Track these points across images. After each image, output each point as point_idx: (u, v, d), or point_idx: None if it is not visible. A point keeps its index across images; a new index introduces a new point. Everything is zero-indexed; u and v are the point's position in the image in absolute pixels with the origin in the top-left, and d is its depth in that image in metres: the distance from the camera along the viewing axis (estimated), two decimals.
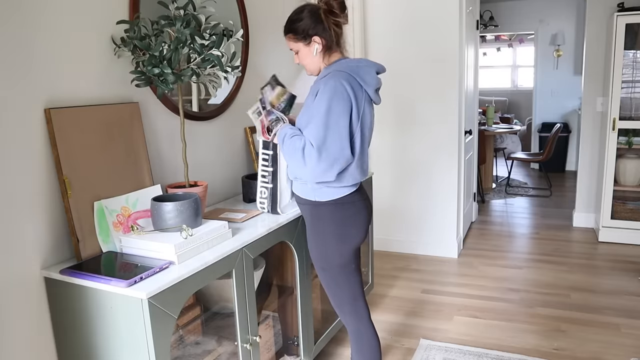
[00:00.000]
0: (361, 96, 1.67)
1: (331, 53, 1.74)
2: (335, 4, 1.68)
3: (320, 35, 1.69)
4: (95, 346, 1.42)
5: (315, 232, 1.77)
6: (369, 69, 1.69)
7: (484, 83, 9.52)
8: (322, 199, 1.73)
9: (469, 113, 4.13)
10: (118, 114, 1.69)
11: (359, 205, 1.77)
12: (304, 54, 1.75)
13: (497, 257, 3.82)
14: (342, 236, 1.75)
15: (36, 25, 1.44)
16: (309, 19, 1.69)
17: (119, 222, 1.60)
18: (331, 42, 1.71)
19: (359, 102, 1.65)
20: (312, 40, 1.70)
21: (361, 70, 1.67)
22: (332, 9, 1.68)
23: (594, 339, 2.58)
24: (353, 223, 1.76)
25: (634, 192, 4.11)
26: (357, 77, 1.66)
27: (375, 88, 1.70)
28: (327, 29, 1.69)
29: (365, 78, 1.67)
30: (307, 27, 1.69)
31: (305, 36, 1.71)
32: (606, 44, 4.06)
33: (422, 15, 3.55)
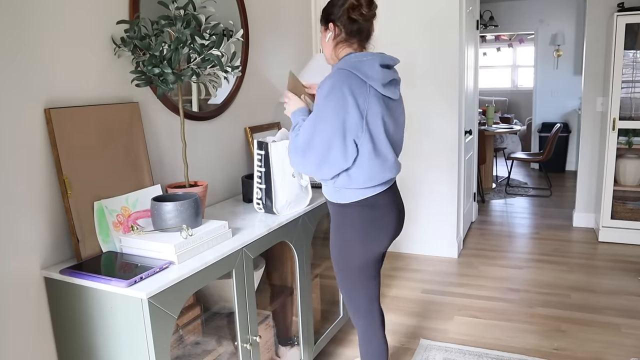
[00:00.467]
0: (364, 92, 1.58)
1: (345, 46, 1.70)
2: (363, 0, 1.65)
3: (336, 25, 1.67)
4: (95, 346, 1.42)
5: (338, 232, 1.74)
6: (372, 63, 1.61)
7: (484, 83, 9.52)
8: (344, 201, 1.69)
9: (469, 113, 4.13)
10: (118, 114, 1.69)
11: (387, 208, 1.71)
12: (322, 38, 1.76)
13: (497, 257, 3.82)
14: (365, 241, 1.70)
15: (36, 25, 1.44)
16: (336, 5, 1.67)
17: (119, 222, 1.60)
18: (346, 35, 1.67)
19: (359, 100, 1.57)
20: (328, 27, 1.70)
21: (363, 64, 1.60)
22: (359, 4, 1.64)
23: (594, 339, 2.58)
24: (378, 227, 1.70)
25: (634, 192, 4.11)
26: (358, 72, 1.59)
27: (382, 82, 1.61)
28: (346, 20, 1.65)
29: (367, 72, 1.59)
30: (329, 12, 1.69)
31: (325, 20, 1.71)
32: (606, 44, 4.06)
33: (422, 15, 3.55)
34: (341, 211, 1.71)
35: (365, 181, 1.65)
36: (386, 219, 1.72)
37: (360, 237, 1.70)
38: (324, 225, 2.52)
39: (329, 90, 1.57)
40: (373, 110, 1.60)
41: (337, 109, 1.56)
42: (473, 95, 4.41)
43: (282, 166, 1.95)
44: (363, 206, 1.68)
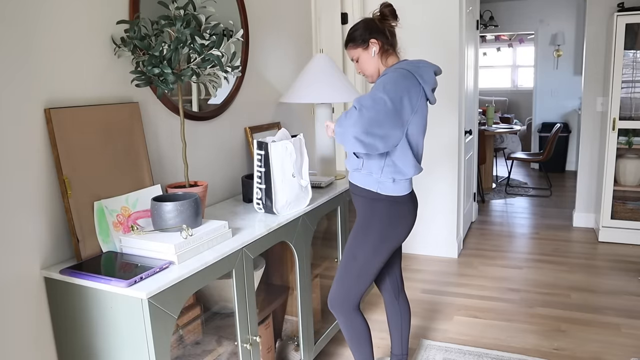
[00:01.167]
0: (418, 92, 1.75)
1: (388, 56, 1.87)
2: (387, 11, 1.84)
3: (376, 38, 1.84)
4: (95, 346, 1.42)
5: (364, 222, 1.86)
6: (428, 69, 1.79)
7: (484, 83, 9.52)
8: (382, 192, 1.82)
9: (469, 113, 4.13)
10: (118, 114, 1.69)
11: (410, 207, 1.88)
12: (363, 59, 1.88)
13: (497, 257, 3.82)
14: (387, 235, 1.85)
15: (36, 25, 1.44)
16: (365, 26, 1.85)
17: (119, 222, 1.60)
18: (388, 45, 1.85)
19: (413, 97, 1.73)
20: (370, 43, 1.84)
21: (420, 69, 1.77)
22: (385, 16, 1.84)
23: (594, 339, 2.58)
24: (401, 223, 1.86)
25: (634, 192, 4.11)
26: (416, 74, 1.75)
27: (432, 87, 1.79)
28: (383, 32, 1.84)
29: (424, 76, 1.76)
30: (364, 33, 1.84)
31: (363, 41, 1.85)
32: (606, 44, 4.06)
33: (422, 15, 3.55)
34: (371, 203, 1.85)
35: (410, 170, 1.81)
36: (407, 217, 1.88)
37: (383, 231, 1.84)
38: (324, 225, 2.52)
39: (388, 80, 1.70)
40: (421, 108, 1.78)
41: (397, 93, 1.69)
42: (473, 95, 4.41)
43: (282, 166, 1.96)
44: (394, 201, 1.83)
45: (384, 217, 1.84)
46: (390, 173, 1.81)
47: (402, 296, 2.17)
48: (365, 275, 1.89)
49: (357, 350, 1.99)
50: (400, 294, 2.17)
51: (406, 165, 1.80)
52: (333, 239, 2.50)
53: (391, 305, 2.17)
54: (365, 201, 1.87)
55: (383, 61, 1.87)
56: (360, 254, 1.87)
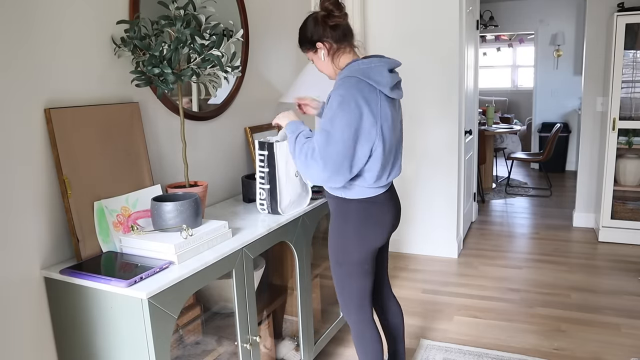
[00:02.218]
0: (375, 98, 1.62)
1: (340, 55, 1.73)
2: (330, 5, 1.67)
3: (322, 41, 1.71)
4: (95, 346, 1.42)
5: (338, 226, 1.78)
6: (381, 69, 1.65)
7: (484, 83, 9.52)
8: (349, 197, 1.73)
9: (469, 113, 4.13)
10: (118, 114, 1.69)
11: (387, 206, 1.78)
12: (316, 62, 1.78)
13: (497, 257, 3.82)
14: (363, 235, 1.75)
15: (36, 25, 1.44)
16: (311, 26, 1.71)
17: (119, 222, 1.60)
18: (338, 44, 1.71)
19: (372, 106, 1.61)
20: (317, 47, 1.73)
21: (372, 71, 1.64)
22: (329, 11, 1.67)
23: (594, 339, 2.58)
24: (376, 223, 1.76)
25: (634, 192, 4.11)
26: (368, 79, 1.62)
27: (390, 86, 1.65)
28: (329, 32, 1.69)
29: (376, 79, 1.63)
30: (310, 35, 1.72)
31: (310, 45, 1.74)
32: (606, 44, 4.06)
33: (422, 15, 3.55)
34: (342, 206, 1.76)
35: (375, 181, 1.70)
36: (384, 215, 1.77)
37: (358, 232, 1.74)
38: (324, 225, 2.52)
39: (340, 101, 1.59)
40: (384, 114, 1.65)
41: (351, 119, 1.58)
42: (473, 95, 4.41)
43: (286, 166, 1.96)
44: (365, 202, 1.73)
45: (357, 219, 1.74)
46: (354, 182, 1.70)
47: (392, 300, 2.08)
48: (358, 276, 1.79)
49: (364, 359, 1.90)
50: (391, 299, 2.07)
51: (372, 176, 1.69)
52: None
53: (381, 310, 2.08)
54: (337, 204, 1.77)
55: (335, 64, 1.74)
56: (344, 259, 1.78)
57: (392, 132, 1.69)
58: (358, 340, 1.89)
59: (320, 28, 1.69)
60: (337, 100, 1.59)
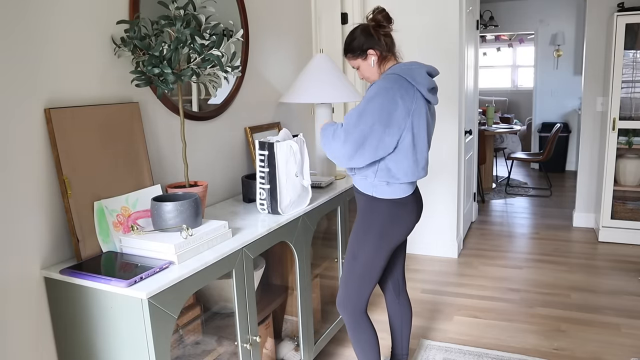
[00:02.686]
0: (411, 94, 1.75)
1: (386, 62, 1.89)
2: (381, 17, 1.84)
3: (373, 48, 1.86)
4: (95, 346, 1.42)
5: (363, 221, 1.88)
6: (420, 70, 1.80)
7: (484, 83, 9.52)
8: (379, 196, 1.84)
9: (469, 113, 4.13)
10: (118, 114, 1.69)
11: (412, 207, 1.89)
12: (364, 68, 1.91)
13: (497, 257, 3.82)
14: (386, 233, 1.86)
15: (36, 25, 1.44)
16: (362, 36, 1.86)
17: (119, 222, 1.60)
18: (385, 52, 1.87)
19: (407, 101, 1.74)
20: (368, 54, 1.87)
21: (412, 71, 1.78)
22: (380, 23, 1.85)
23: (594, 339, 2.58)
24: (401, 223, 1.88)
25: (634, 192, 4.11)
26: (408, 77, 1.76)
27: (427, 87, 1.78)
28: (379, 41, 1.85)
29: (416, 78, 1.77)
30: (361, 44, 1.87)
31: (361, 52, 1.88)
32: (606, 44, 4.06)
33: (422, 15, 3.55)
34: (371, 204, 1.86)
35: (405, 175, 1.81)
36: (409, 216, 1.89)
37: (382, 231, 1.85)
38: (323, 225, 2.52)
39: (376, 92, 1.74)
40: (419, 109, 1.77)
41: (385, 105, 1.72)
42: (473, 95, 4.41)
43: (286, 166, 1.96)
44: (394, 202, 1.85)
45: (384, 217, 1.85)
46: (384, 177, 1.81)
47: (403, 296, 2.18)
48: (369, 275, 1.90)
49: (362, 354, 1.99)
50: (402, 294, 2.17)
51: (400, 170, 1.80)
52: (333, 239, 2.50)
53: (392, 304, 2.18)
54: (366, 201, 1.88)
55: (382, 68, 1.90)
56: (361, 253, 1.88)
57: (423, 131, 1.80)
58: (353, 331, 1.97)
59: (372, 37, 1.85)
60: (376, 89, 1.74)
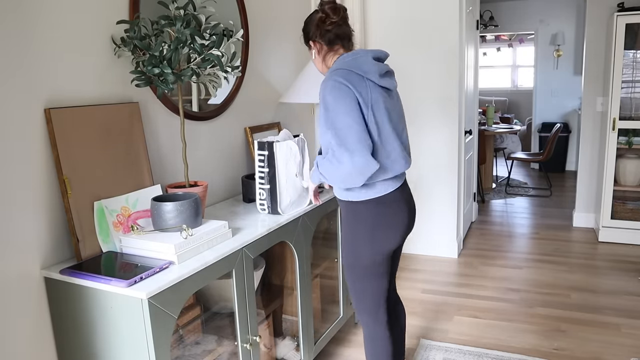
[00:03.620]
0: (364, 86, 1.62)
1: (332, 56, 1.78)
2: (327, 9, 1.73)
3: (316, 41, 1.78)
4: (95, 346, 1.42)
5: (349, 229, 1.75)
6: (365, 58, 1.67)
7: (484, 83, 9.52)
8: (358, 199, 1.70)
9: (469, 113, 4.13)
10: (118, 114, 1.69)
11: (397, 204, 1.73)
12: (312, 58, 1.85)
13: (497, 257, 3.82)
14: (376, 238, 1.72)
15: (36, 25, 1.44)
16: (309, 25, 1.79)
17: (119, 222, 1.60)
18: (329, 46, 1.77)
19: (362, 93, 1.61)
20: (310, 45, 1.82)
21: (357, 61, 1.66)
22: (327, 15, 1.74)
23: (594, 339, 2.58)
24: (389, 224, 1.72)
25: (634, 192, 4.11)
26: (355, 69, 1.64)
27: (379, 74, 1.66)
28: (323, 34, 1.75)
29: (363, 68, 1.64)
30: (307, 33, 1.81)
31: (307, 41, 1.83)
32: (606, 44, 4.06)
33: (422, 15, 3.55)
34: (353, 208, 1.73)
35: (378, 174, 1.66)
36: (397, 216, 1.73)
37: (370, 235, 1.71)
38: (324, 225, 2.52)
39: (330, 90, 1.60)
40: (376, 100, 1.64)
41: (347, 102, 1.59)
42: (473, 95, 4.41)
43: (286, 166, 1.96)
44: (375, 203, 1.70)
45: (368, 222, 1.71)
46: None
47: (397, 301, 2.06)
48: (371, 280, 1.77)
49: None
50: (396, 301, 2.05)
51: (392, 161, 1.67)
52: (333, 239, 2.50)
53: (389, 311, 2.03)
54: (347, 209, 1.75)
55: (325, 63, 1.80)
56: (355, 262, 1.77)
57: (386, 122, 1.66)
58: (369, 342, 1.87)
59: (315, 29, 1.76)
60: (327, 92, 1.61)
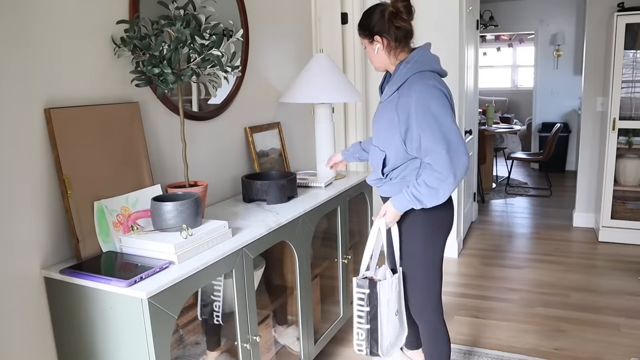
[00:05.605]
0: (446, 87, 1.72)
1: (399, 52, 1.78)
2: (401, 6, 1.71)
3: (382, 35, 1.75)
4: (95, 346, 1.42)
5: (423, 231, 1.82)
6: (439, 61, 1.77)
7: (484, 83, 9.52)
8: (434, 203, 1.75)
9: (469, 113, 4.13)
10: (118, 114, 1.69)
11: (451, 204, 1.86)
12: (368, 51, 1.83)
13: (497, 257, 3.82)
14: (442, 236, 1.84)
15: (36, 25, 1.44)
16: (376, 17, 1.75)
17: (119, 222, 1.60)
18: (396, 43, 1.76)
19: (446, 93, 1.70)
20: (374, 39, 1.77)
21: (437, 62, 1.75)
22: (399, 12, 1.72)
23: (594, 339, 2.58)
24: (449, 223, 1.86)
25: (634, 192, 4.11)
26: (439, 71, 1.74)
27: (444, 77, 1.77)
28: (390, 30, 1.74)
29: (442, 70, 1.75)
30: (372, 25, 1.76)
31: (369, 34, 1.78)
32: (606, 44, 4.06)
33: (422, 15, 3.55)
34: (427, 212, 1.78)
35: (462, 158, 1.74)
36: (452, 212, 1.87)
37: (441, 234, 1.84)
38: (324, 225, 2.52)
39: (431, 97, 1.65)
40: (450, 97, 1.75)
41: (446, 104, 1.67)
42: (473, 95, 4.41)
43: (387, 305, 1.84)
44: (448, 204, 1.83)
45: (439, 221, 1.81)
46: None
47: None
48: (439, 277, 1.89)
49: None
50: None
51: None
52: (333, 239, 2.50)
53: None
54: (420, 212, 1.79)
55: (391, 58, 1.79)
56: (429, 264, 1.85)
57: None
58: (431, 337, 1.94)
59: (384, 23, 1.73)
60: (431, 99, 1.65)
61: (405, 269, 1.89)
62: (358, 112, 3.47)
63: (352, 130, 3.49)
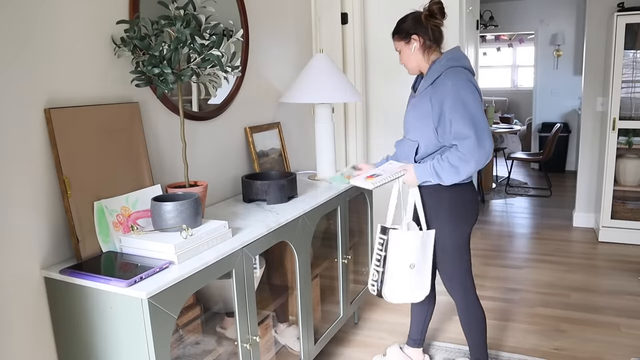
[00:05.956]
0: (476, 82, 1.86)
1: (431, 52, 1.95)
2: (436, 9, 1.89)
3: (418, 34, 1.92)
4: (95, 346, 1.42)
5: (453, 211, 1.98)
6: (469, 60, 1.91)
7: (484, 83, 9.52)
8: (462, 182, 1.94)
9: None
10: (118, 114, 1.69)
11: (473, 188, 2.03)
12: (404, 53, 1.98)
13: (497, 257, 3.82)
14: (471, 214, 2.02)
15: (36, 25, 1.44)
16: (411, 21, 1.94)
17: (119, 222, 1.60)
18: (430, 42, 1.93)
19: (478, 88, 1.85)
20: (411, 39, 1.93)
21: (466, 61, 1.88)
22: (433, 13, 1.90)
23: (594, 339, 2.58)
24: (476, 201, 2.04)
25: (634, 192, 4.11)
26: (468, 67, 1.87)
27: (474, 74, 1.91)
28: (427, 30, 1.91)
29: (471, 67, 1.88)
30: (408, 28, 1.94)
31: (406, 35, 1.94)
32: (606, 44, 4.06)
33: None
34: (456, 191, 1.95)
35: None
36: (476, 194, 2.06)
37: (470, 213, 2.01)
38: (323, 225, 2.52)
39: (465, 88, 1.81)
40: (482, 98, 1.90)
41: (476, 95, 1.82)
42: None
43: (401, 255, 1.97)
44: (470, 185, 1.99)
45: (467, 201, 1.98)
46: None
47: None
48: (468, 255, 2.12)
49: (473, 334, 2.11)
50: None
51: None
52: (333, 239, 2.50)
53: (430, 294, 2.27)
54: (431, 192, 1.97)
55: (425, 57, 1.95)
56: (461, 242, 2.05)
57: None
58: (464, 313, 2.11)
59: (420, 24, 1.91)
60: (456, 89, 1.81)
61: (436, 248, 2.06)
62: (358, 112, 3.47)
63: (352, 130, 3.49)
